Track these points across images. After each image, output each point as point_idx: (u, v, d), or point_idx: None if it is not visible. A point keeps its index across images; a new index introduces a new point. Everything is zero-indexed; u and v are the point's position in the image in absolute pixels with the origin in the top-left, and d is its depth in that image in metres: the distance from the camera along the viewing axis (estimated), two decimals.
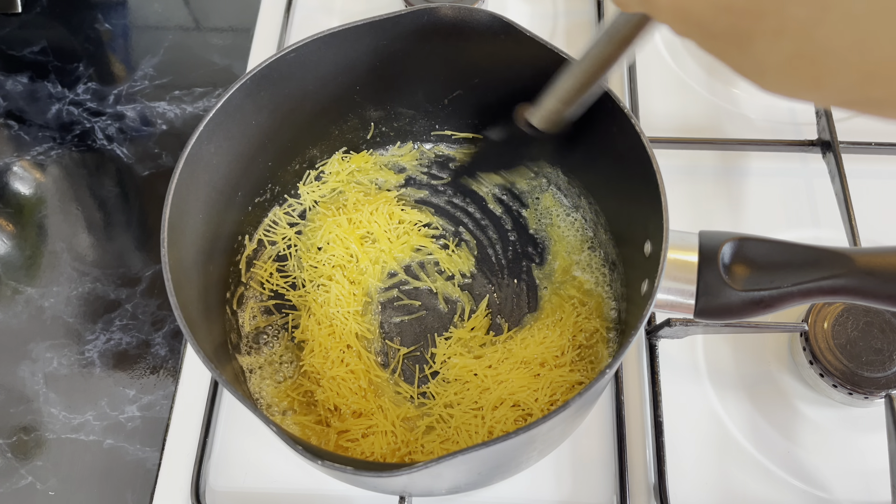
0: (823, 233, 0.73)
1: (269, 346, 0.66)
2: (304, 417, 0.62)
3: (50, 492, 0.66)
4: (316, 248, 0.70)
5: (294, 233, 0.71)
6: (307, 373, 0.64)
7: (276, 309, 0.68)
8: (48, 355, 0.73)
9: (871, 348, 0.62)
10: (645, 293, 0.53)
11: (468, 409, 0.61)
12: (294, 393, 0.63)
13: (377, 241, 0.69)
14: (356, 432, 0.61)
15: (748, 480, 0.62)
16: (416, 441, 0.60)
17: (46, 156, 0.86)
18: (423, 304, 0.68)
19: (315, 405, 0.63)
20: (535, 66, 0.60)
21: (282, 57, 0.59)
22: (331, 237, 0.69)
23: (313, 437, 0.61)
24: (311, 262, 0.69)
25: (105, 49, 0.95)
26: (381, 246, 0.69)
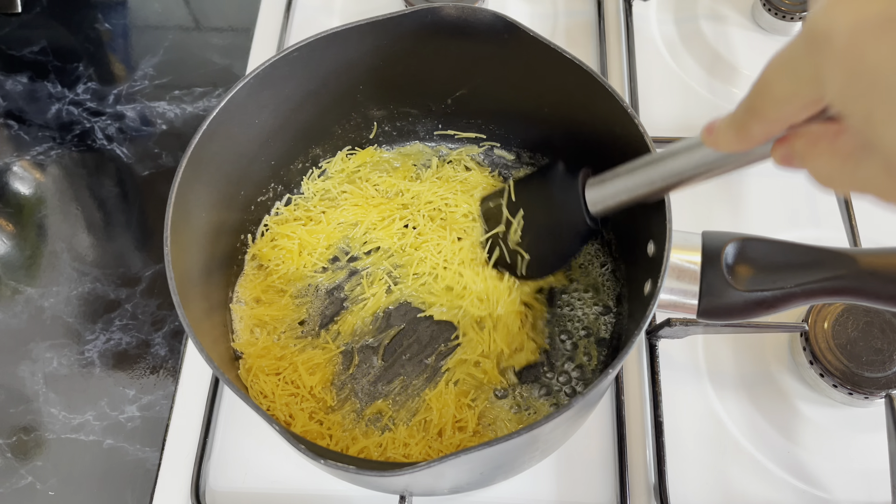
0: (824, 233, 0.73)
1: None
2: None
3: (50, 492, 0.66)
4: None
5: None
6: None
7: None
8: (48, 355, 0.73)
9: (871, 348, 0.62)
10: (648, 293, 0.53)
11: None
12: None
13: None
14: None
15: (748, 480, 0.62)
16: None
17: (46, 156, 0.85)
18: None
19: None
20: (538, 66, 0.61)
21: (284, 56, 0.59)
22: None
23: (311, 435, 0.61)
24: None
25: (105, 49, 0.95)
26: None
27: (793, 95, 0.30)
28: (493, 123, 0.74)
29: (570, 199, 0.56)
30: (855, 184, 0.30)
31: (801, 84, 0.29)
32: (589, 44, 0.88)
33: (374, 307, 0.67)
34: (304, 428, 0.61)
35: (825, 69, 0.26)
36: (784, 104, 0.31)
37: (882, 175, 0.28)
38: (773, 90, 0.31)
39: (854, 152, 0.29)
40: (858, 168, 0.29)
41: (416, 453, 0.60)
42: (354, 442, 0.61)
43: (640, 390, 0.66)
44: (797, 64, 0.29)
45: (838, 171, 0.31)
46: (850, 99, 0.26)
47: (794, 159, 0.34)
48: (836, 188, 0.32)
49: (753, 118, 0.33)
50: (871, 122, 0.25)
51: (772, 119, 0.32)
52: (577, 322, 0.66)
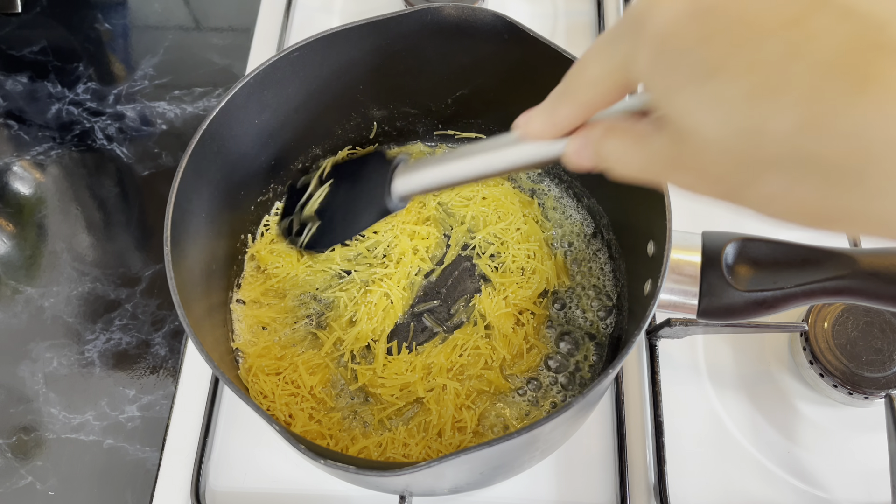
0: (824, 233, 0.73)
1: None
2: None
3: (50, 492, 0.66)
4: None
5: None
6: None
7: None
8: (48, 355, 0.73)
9: (871, 348, 0.62)
10: (648, 293, 0.53)
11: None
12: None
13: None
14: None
15: (748, 480, 0.62)
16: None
17: (46, 156, 0.85)
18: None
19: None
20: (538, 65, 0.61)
21: (285, 56, 0.59)
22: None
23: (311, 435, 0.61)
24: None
25: (105, 49, 0.95)
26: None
27: (605, 75, 0.32)
28: (493, 123, 0.74)
29: (377, 180, 0.57)
30: (645, 160, 0.32)
31: (613, 63, 0.31)
32: (589, 44, 0.88)
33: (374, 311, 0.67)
34: (304, 428, 0.61)
35: (638, 48, 0.29)
36: (596, 84, 0.33)
37: (668, 146, 0.30)
38: (586, 71, 0.33)
39: (647, 132, 0.32)
40: (648, 143, 0.32)
41: (416, 453, 0.60)
42: (354, 442, 0.61)
43: (640, 390, 0.66)
44: (613, 45, 0.31)
45: (630, 149, 0.33)
46: (655, 72, 0.29)
47: (591, 146, 0.35)
48: (625, 169, 0.34)
49: (563, 99, 0.35)
50: (668, 91, 0.28)
51: (581, 100, 0.34)
52: (578, 322, 0.66)
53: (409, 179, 0.54)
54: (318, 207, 0.65)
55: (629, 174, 0.34)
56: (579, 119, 0.36)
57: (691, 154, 0.29)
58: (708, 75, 0.26)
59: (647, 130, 0.32)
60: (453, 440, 0.60)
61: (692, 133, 0.28)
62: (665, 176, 0.32)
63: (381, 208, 0.57)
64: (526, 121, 0.39)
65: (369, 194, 0.59)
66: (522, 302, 0.66)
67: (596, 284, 0.68)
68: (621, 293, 0.67)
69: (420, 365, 0.63)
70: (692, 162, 0.29)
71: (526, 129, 0.39)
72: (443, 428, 0.61)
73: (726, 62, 0.26)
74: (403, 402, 0.62)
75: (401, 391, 0.63)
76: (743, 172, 0.27)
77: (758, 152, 0.26)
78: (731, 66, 0.25)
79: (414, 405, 0.63)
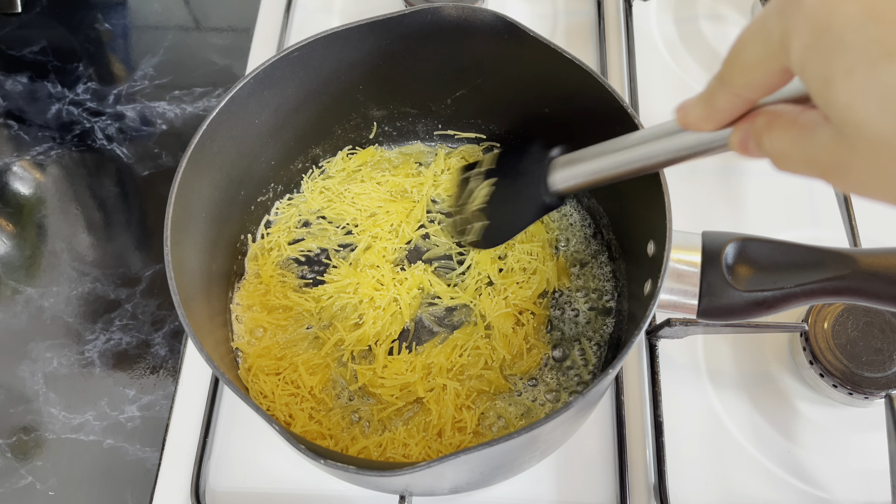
0: (824, 233, 0.73)
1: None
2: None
3: (50, 492, 0.66)
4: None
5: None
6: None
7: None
8: (48, 355, 0.73)
9: (871, 348, 0.62)
10: (648, 293, 0.53)
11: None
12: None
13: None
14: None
15: (748, 480, 0.62)
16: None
17: (46, 156, 0.85)
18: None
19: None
20: (538, 66, 0.61)
21: (285, 56, 0.59)
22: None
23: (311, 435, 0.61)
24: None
25: (105, 49, 0.95)
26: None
27: (761, 60, 0.30)
28: (493, 123, 0.74)
29: (534, 173, 0.55)
30: (807, 156, 0.29)
31: (769, 47, 0.29)
32: (589, 44, 0.88)
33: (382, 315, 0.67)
34: (304, 428, 0.61)
35: (792, 30, 0.27)
36: (752, 70, 0.30)
37: (830, 143, 0.27)
38: (741, 56, 0.31)
39: (812, 124, 0.29)
40: (812, 138, 0.29)
41: (416, 453, 0.60)
42: (354, 442, 0.61)
43: (640, 390, 0.66)
44: (768, 27, 0.29)
45: (793, 143, 0.30)
46: (812, 58, 0.26)
47: (752, 138, 0.33)
48: (788, 165, 0.31)
49: (721, 87, 0.33)
50: (828, 82, 0.25)
51: (739, 86, 0.32)
52: (578, 322, 0.66)
53: (567, 173, 0.52)
54: (480, 206, 0.62)
55: (793, 169, 0.31)
56: (740, 109, 0.33)
57: (860, 152, 0.25)
58: (878, 60, 0.23)
59: (813, 121, 0.29)
60: (453, 440, 0.60)
61: (859, 129, 0.25)
62: (831, 176, 0.28)
63: (539, 204, 0.55)
64: (684, 111, 0.36)
65: (528, 190, 0.56)
66: (523, 302, 0.66)
67: (596, 285, 0.68)
68: (621, 293, 0.67)
69: (420, 365, 0.63)
70: (861, 161, 0.26)
71: (686, 118, 0.36)
72: (443, 428, 0.61)
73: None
74: (403, 402, 0.62)
75: (401, 391, 0.63)
76: None
77: None
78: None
79: (414, 405, 0.63)
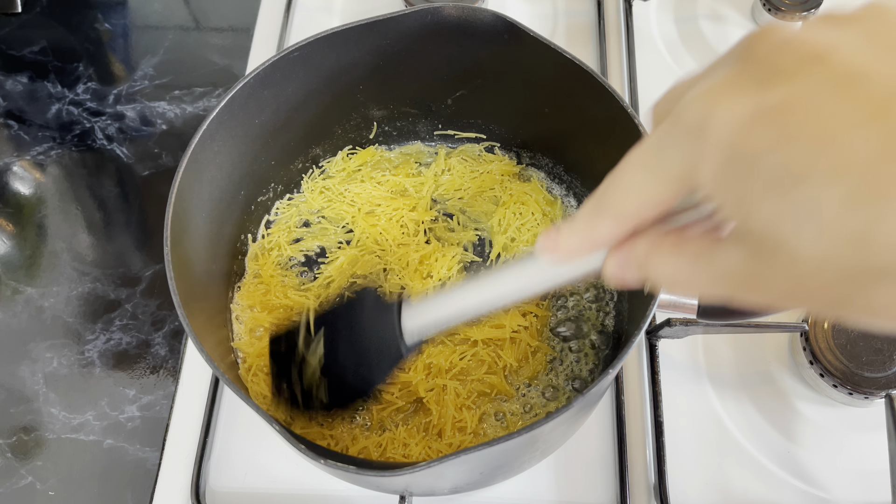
0: None
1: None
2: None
3: (50, 492, 0.66)
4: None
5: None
6: None
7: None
8: (48, 355, 0.73)
9: (871, 348, 0.62)
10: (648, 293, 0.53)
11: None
12: None
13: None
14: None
15: (748, 480, 0.62)
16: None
17: (46, 156, 0.85)
18: None
19: None
20: (538, 66, 0.61)
21: (285, 56, 0.59)
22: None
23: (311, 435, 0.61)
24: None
25: (105, 49, 0.95)
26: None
27: (654, 187, 0.29)
28: (493, 123, 0.74)
29: (380, 321, 0.49)
30: (711, 278, 0.29)
31: (666, 174, 0.28)
32: (589, 44, 0.88)
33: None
34: (304, 428, 0.61)
35: (700, 157, 0.26)
36: (641, 196, 0.29)
37: (745, 261, 0.27)
38: (630, 183, 0.30)
39: (706, 248, 0.29)
40: (715, 259, 0.28)
41: (416, 453, 0.60)
42: (354, 442, 0.61)
43: (640, 390, 0.66)
44: (664, 154, 0.28)
45: (688, 269, 0.29)
46: (725, 182, 0.26)
47: (632, 266, 0.32)
48: (685, 289, 0.30)
49: (602, 214, 0.31)
50: (743, 203, 0.25)
51: (624, 214, 0.30)
52: (578, 323, 0.66)
53: (423, 317, 0.47)
54: (317, 366, 0.53)
55: (691, 293, 0.31)
56: (621, 235, 0.32)
57: (780, 269, 0.25)
58: (794, 182, 0.23)
59: (703, 246, 0.29)
60: (453, 440, 0.60)
61: (781, 246, 0.25)
62: (742, 294, 0.28)
63: (396, 355, 0.49)
64: (556, 241, 0.34)
65: (377, 342, 0.50)
66: (525, 304, 0.66)
67: (596, 284, 0.68)
68: (621, 293, 0.67)
69: (421, 365, 0.63)
70: (780, 276, 0.26)
71: (558, 249, 0.34)
72: (443, 428, 0.61)
73: (813, 166, 0.23)
74: (403, 401, 0.62)
75: (401, 391, 0.63)
76: (848, 285, 0.24)
77: (866, 263, 0.23)
78: (818, 171, 0.23)
79: (414, 405, 0.63)
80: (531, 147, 0.74)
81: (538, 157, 0.74)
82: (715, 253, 0.28)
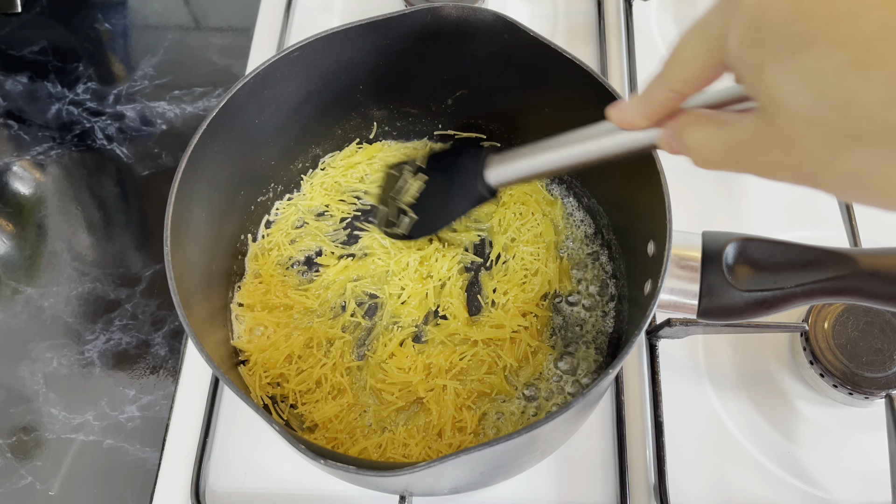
0: (824, 233, 0.73)
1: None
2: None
3: (50, 492, 0.66)
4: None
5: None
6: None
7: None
8: (48, 355, 0.73)
9: (871, 348, 0.62)
10: (648, 293, 0.53)
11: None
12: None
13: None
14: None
15: (748, 480, 0.62)
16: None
17: (46, 156, 0.85)
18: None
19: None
20: (538, 66, 0.61)
21: (285, 56, 0.59)
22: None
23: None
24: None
25: (105, 49, 0.95)
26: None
27: (700, 55, 0.33)
28: (493, 123, 0.74)
29: (470, 168, 0.58)
30: (725, 142, 0.34)
31: (709, 41, 0.32)
32: (589, 44, 0.88)
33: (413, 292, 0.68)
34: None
35: (731, 24, 0.30)
36: (690, 65, 0.34)
37: (750, 126, 0.31)
38: (682, 53, 0.34)
39: (730, 118, 0.33)
40: (730, 127, 0.33)
41: (416, 453, 0.60)
42: (354, 442, 0.61)
43: (640, 390, 0.66)
44: (708, 24, 0.32)
45: (711, 133, 0.34)
46: (746, 47, 0.29)
47: (676, 135, 0.37)
48: (706, 156, 0.35)
49: (660, 83, 0.37)
50: (758, 67, 0.29)
51: (677, 81, 0.35)
52: (578, 323, 0.66)
53: (503, 168, 0.55)
54: (411, 200, 0.64)
55: (709, 160, 0.35)
56: (672, 103, 0.37)
57: (778, 128, 0.29)
58: (801, 49, 0.27)
59: (731, 117, 0.34)
60: (453, 440, 0.60)
61: (781, 106, 0.28)
62: (746, 157, 0.32)
63: (474, 196, 0.58)
64: (620, 108, 0.41)
65: (462, 183, 0.59)
66: (525, 305, 0.66)
67: (596, 285, 0.68)
68: (621, 293, 0.67)
69: (421, 365, 0.63)
70: (778, 138, 0.30)
71: (621, 116, 0.41)
72: (443, 428, 0.61)
73: (821, 36, 0.26)
74: (403, 401, 0.62)
75: (401, 391, 0.63)
76: (830, 146, 0.28)
77: (847, 124, 0.26)
78: (825, 40, 0.26)
79: (414, 405, 0.63)
80: None
81: None
82: (735, 121, 0.33)
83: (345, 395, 0.63)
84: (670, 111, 0.38)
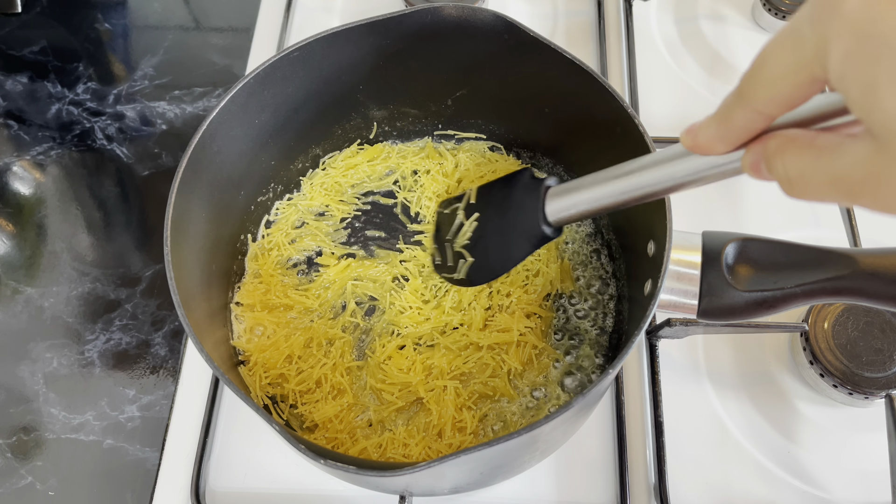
0: (824, 233, 0.73)
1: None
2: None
3: (50, 492, 0.66)
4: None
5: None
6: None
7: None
8: (48, 355, 0.73)
9: (871, 348, 0.62)
10: (648, 293, 0.53)
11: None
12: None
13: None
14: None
15: (748, 480, 0.62)
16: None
17: (46, 156, 0.85)
18: None
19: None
20: (538, 66, 0.61)
21: (285, 56, 0.59)
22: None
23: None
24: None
25: (105, 49, 0.95)
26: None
27: (790, 71, 0.28)
28: (493, 123, 0.74)
29: (528, 204, 0.52)
30: (832, 175, 0.28)
31: (801, 56, 0.27)
32: (589, 44, 0.88)
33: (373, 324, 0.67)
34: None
35: (831, 35, 0.25)
36: (778, 83, 0.29)
37: (864, 156, 0.26)
38: (767, 68, 0.29)
39: (833, 145, 0.28)
40: (837, 157, 0.27)
41: (416, 453, 0.60)
42: (354, 442, 0.61)
43: (640, 390, 0.66)
44: (800, 35, 0.27)
45: (812, 164, 0.28)
46: (854, 64, 0.25)
47: (765, 161, 0.31)
48: (806, 188, 0.29)
49: (740, 103, 0.31)
50: (871, 88, 0.24)
51: (761, 101, 0.30)
52: (578, 323, 0.66)
53: (566, 202, 0.48)
54: (466, 241, 0.59)
55: (811, 193, 0.29)
56: (757, 127, 0.31)
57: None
58: None
59: (833, 141, 0.28)
60: (453, 440, 0.60)
61: None
62: (862, 192, 0.27)
63: (536, 236, 0.51)
64: (693, 133, 0.34)
65: (521, 223, 0.52)
66: (529, 306, 0.66)
67: (596, 285, 0.68)
68: (621, 293, 0.67)
69: (421, 366, 0.63)
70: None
71: (695, 141, 0.34)
72: (443, 428, 0.61)
73: None
74: (404, 401, 0.62)
75: (401, 391, 0.63)
76: None
77: None
78: None
79: (414, 405, 0.63)
80: (531, 147, 0.74)
81: (538, 157, 0.74)
82: (840, 149, 0.27)
83: (345, 395, 0.63)
84: (755, 134, 0.32)
